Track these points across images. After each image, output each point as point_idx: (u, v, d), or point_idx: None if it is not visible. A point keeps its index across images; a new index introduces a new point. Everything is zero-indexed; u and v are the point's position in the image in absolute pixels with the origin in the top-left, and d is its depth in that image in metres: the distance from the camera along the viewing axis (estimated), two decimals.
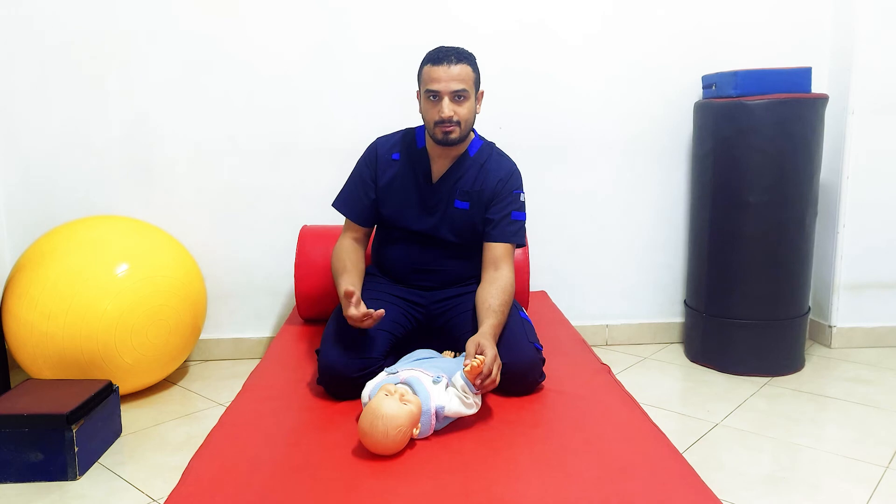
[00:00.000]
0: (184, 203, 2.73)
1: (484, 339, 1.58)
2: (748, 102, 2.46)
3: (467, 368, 1.47)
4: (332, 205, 1.98)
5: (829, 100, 2.67)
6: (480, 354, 1.52)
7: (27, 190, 2.66)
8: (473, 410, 1.52)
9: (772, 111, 2.46)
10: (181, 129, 2.69)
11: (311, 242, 2.36)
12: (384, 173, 1.92)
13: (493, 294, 1.75)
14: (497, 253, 1.85)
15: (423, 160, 1.91)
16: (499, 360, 1.55)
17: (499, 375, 1.53)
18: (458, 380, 1.49)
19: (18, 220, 2.67)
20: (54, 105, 2.62)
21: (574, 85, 2.80)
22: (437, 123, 1.77)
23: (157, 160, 2.70)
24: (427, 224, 1.91)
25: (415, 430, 1.41)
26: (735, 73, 2.49)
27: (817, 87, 2.79)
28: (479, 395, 1.55)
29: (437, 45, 1.82)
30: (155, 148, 2.69)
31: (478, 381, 1.48)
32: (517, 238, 1.89)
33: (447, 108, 1.75)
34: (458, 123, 1.77)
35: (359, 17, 2.68)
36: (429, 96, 1.77)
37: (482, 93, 1.88)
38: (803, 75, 2.50)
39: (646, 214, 2.93)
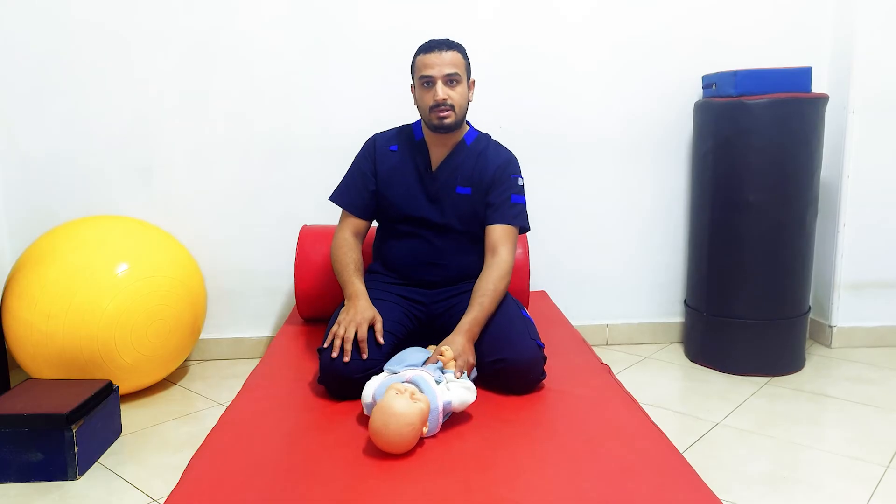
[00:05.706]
0: (184, 203, 2.73)
1: (451, 337, 1.68)
2: (748, 102, 2.46)
3: (437, 364, 1.56)
4: (330, 198, 2.00)
5: (829, 99, 2.67)
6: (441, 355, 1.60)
7: (27, 190, 2.66)
8: (475, 391, 1.56)
9: (772, 111, 2.46)
10: (181, 129, 2.68)
11: (311, 242, 2.36)
12: (383, 163, 1.95)
13: (487, 279, 1.80)
14: (497, 235, 1.88)
15: (422, 150, 1.95)
16: (466, 354, 1.64)
17: (472, 356, 1.67)
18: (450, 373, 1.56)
19: (18, 220, 2.67)
20: (54, 105, 2.62)
21: (574, 84, 2.80)
22: (432, 108, 1.82)
23: (157, 160, 2.69)
24: (432, 211, 1.93)
25: (424, 428, 1.42)
26: (735, 73, 2.49)
27: (817, 87, 2.79)
28: (470, 378, 1.62)
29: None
30: (155, 147, 2.69)
31: (454, 369, 1.56)
32: (518, 220, 1.91)
33: (441, 91, 1.79)
34: (453, 108, 1.82)
35: (359, 17, 2.68)
36: (423, 83, 1.82)
37: (474, 81, 1.93)
38: (803, 75, 2.50)
39: (646, 214, 2.92)
